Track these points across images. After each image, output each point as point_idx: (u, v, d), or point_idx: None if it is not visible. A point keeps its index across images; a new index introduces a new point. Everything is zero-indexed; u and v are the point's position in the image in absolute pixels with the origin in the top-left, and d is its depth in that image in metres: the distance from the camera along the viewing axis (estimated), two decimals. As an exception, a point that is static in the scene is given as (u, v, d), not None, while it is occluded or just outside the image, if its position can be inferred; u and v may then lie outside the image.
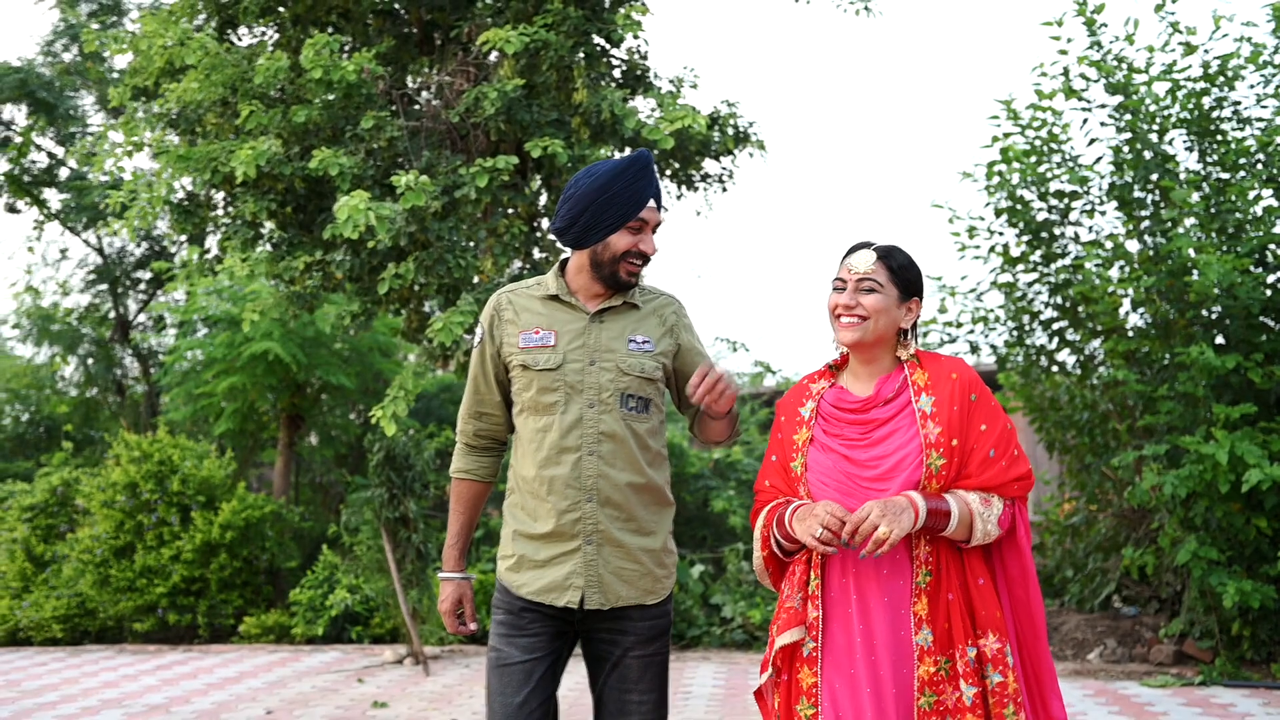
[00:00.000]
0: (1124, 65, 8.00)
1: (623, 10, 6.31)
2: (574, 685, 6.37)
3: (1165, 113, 7.91)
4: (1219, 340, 7.28)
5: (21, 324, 15.64)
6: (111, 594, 10.10)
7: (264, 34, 7.06)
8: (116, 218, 6.13)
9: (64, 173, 13.76)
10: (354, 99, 5.74)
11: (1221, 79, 7.76)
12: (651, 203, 2.80)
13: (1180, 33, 7.88)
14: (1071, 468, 8.72)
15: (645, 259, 2.82)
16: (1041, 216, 8.40)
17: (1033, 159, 8.28)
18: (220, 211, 6.04)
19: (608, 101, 5.72)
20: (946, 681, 2.45)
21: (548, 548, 2.76)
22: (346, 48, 6.27)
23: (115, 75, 13.92)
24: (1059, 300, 8.45)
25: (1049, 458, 9.16)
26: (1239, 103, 7.88)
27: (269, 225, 5.79)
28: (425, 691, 7.34)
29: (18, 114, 13.76)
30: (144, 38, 6.94)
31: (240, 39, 7.26)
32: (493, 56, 5.90)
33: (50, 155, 13.71)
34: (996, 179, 8.43)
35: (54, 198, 13.91)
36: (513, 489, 2.87)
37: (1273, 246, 7.25)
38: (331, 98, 5.74)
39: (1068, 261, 8.33)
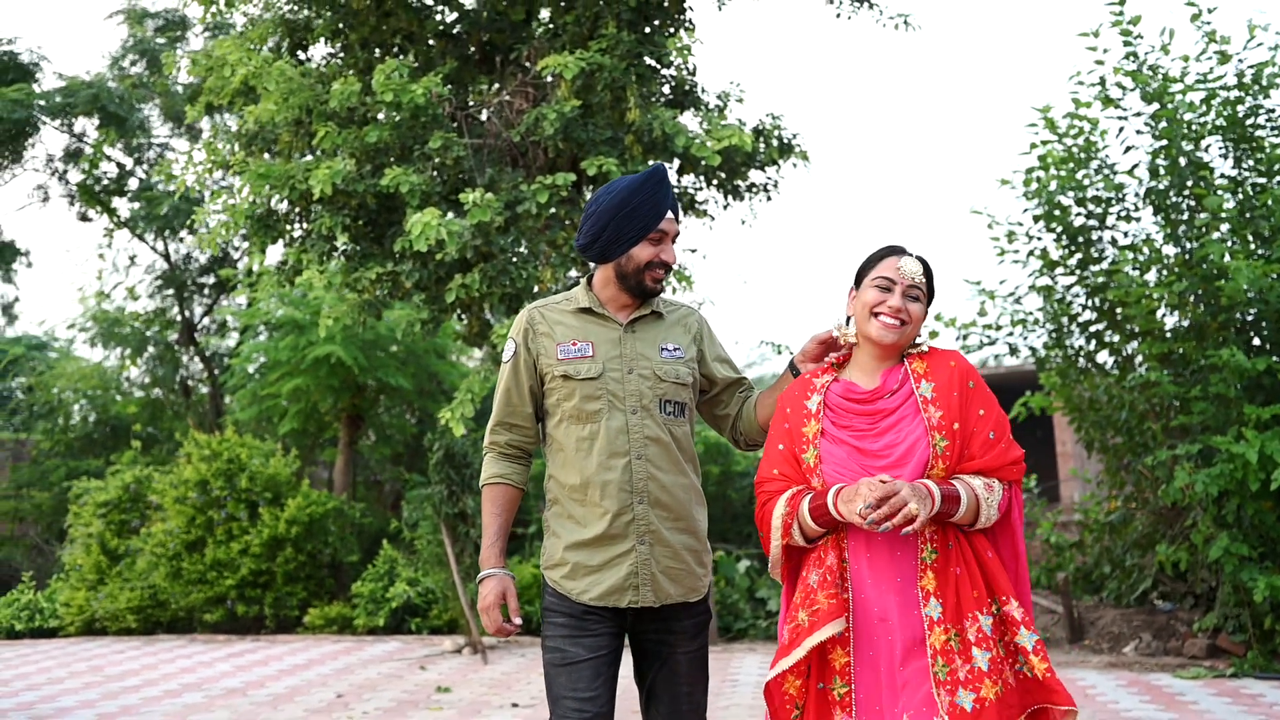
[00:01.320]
0: (1159, 74, 8.20)
1: (672, 35, 6.66)
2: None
3: (1201, 120, 8.10)
4: (1254, 342, 7.47)
5: (87, 327, 16.27)
6: (183, 586, 10.60)
7: (332, 55, 7.47)
8: (190, 231, 6.55)
9: (133, 182, 14.32)
10: (421, 119, 6.12)
11: (1256, 87, 7.94)
12: (670, 214, 2.91)
13: (1215, 42, 8.06)
14: (1111, 466, 8.92)
15: (667, 268, 2.92)
16: (1079, 222, 8.60)
17: (1070, 166, 8.49)
18: (296, 225, 6.46)
19: (659, 120, 6.07)
20: (957, 653, 2.52)
21: (602, 552, 2.83)
22: (413, 69, 6.65)
23: (179, 88, 14.49)
24: (1096, 303, 8.65)
25: (1088, 456, 9.37)
26: (1273, 110, 8.06)
27: (342, 238, 6.18)
28: (485, 678, 7.72)
29: (88, 126, 14.35)
30: (222, 61, 7.39)
31: (309, 59, 7.68)
32: (549, 76, 6.25)
33: (119, 166, 14.27)
34: (1035, 185, 8.65)
35: (123, 206, 14.48)
36: (555, 499, 2.93)
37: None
38: (400, 118, 6.13)
39: (1105, 265, 8.54)
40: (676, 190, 7.74)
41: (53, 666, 9.02)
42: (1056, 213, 8.59)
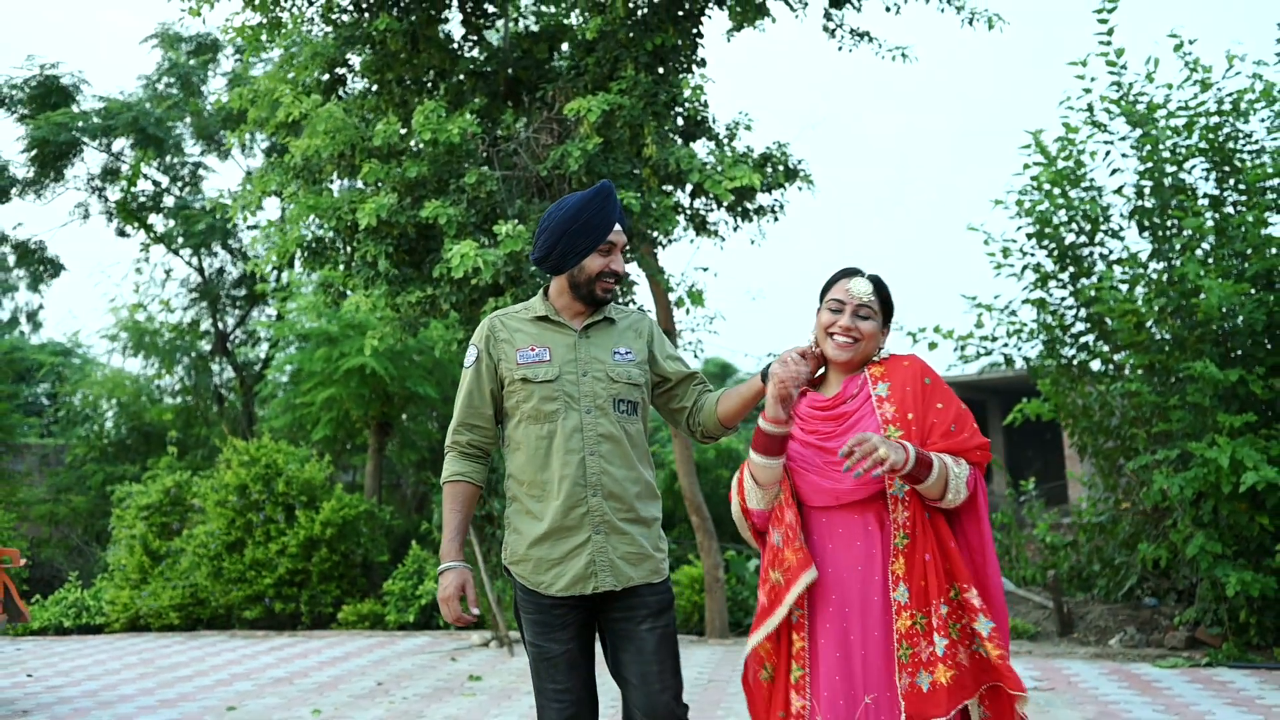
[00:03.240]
0: (1145, 100, 8.72)
1: (685, 73, 7.23)
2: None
3: (1186, 144, 8.61)
4: (1235, 354, 7.98)
5: (119, 337, 16.91)
6: (224, 584, 11.21)
7: (369, 91, 8.05)
8: (225, 248, 7.06)
9: (168, 199, 14.96)
10: (456, 154, 6.71)
11: (1235, 113, 8.46)
12: (617, 226, 3.07)
13: (1197, 70, 8.58)
14: (1103, 469, 9.44)
15: (617, 277, 3.09)
16: (1070, 238, 9.13)
17: (1062, 185, 9.01)
18: (342, 252, 7.05)
19: (674, 155, 6.64)
20: (922, 636, 2.66)
21: (561, 544, 2.99)
22: (446, 106, 7.22)
23: (209, 107, 15.13)
24: (1086, 314, 9.17)
25: (1080, 461, 9.89)
26: (1251, 134, 8.57)
27: (385, 264, 6.76)
28: (512, 668, 8.28)
29: (125, 144, 14.96)
30: (266, 94, 7.99)
31: (349, 92, 8.27)
32: (573, 115, 6.82)
33: (155, 183, 14.91)
34: (1028, 204, 9.18)
35: (158, 222, 15.11)
36: (514, 497, 3.09)
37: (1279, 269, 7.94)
38: (436, 153, 6.71)
39: (1095, 279, 9.05)
40: (688, 212, 8.30)
41: (106, 659, 9.63)
42: (1048, 230, 9.12)
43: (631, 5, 6.83)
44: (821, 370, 2.99)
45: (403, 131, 7.12)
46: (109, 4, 47.28)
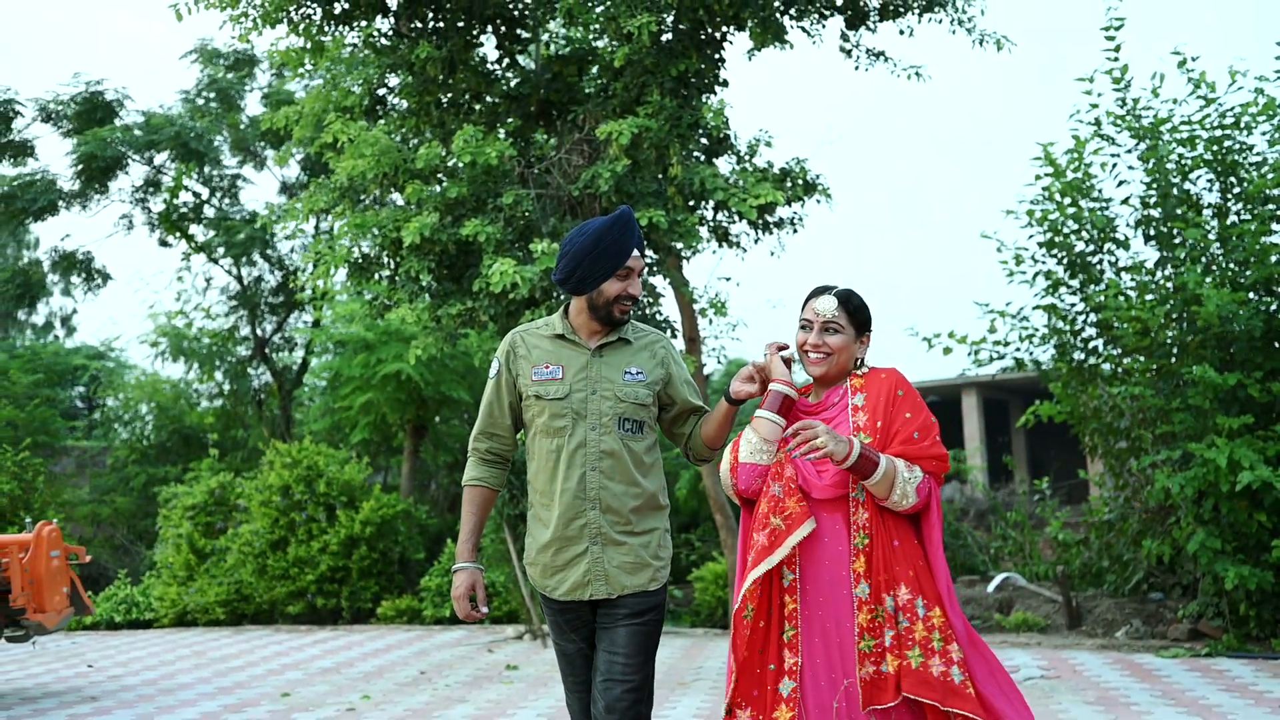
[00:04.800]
0: (1150, 114, 9.08)
1: (709, 95, 7.66)
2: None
3: (1190, 156, 8.96)
4: (1234, 358, 8.33)
5: (158, 343, 17.48)
6: (268, 581, 11.72)
7: (408, 114, 8.52)
8: (264, 258, 7.46)
9: (207, 210, 15.51)
10: (493, 175, 7.17)
11: (1237, 127, 8.80)
12: (635, 252, 3.19)
13: (1201, 86, 8.92)
14: (1113, 469, 9.80)
15: (634, 300, 3.21)
16: (1079, 247, 9.49)
17: (1071, 196, 9.38)
18: (386, 267, 7.53)
19: (698, 175, 7.08)
20: (883, 627, 2.87)
21: (562, 553, 3.17)
22: (482, 129, 7.69)
23: (245, 120, 15.68)
24: (1095, 319, 9.53)
25: (1090, 461, 10.26)
26: (1253, 147, 8.91)
27: (427, 279, 7.23)
28: (547, 659, 8.73)
29: (165, 157, 15.52)
30: (312, 116, 8.49)
31: (390, 111, 8.74)
32: (602, 137, 7.27)
33: (195, 195, 15.47)
34: (1038, 214, 9.55)
35: (198, 232, 15.66)
36: (531, 503, 3.29)
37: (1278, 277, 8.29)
38: (475, 174, 7.18)
39: (1103, 286, 9.42)
40: (711, 225, 8.73)
41: (159, 651, 10.15)
42: (1058, 239, 9.48)
43: (656, 32, 7.25)
44: (810, 382, 3.20)
45: (442, 153, 7.58)
46: (141, 13, 48.27)
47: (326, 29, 8.41)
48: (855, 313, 3.09)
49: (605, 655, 3.13)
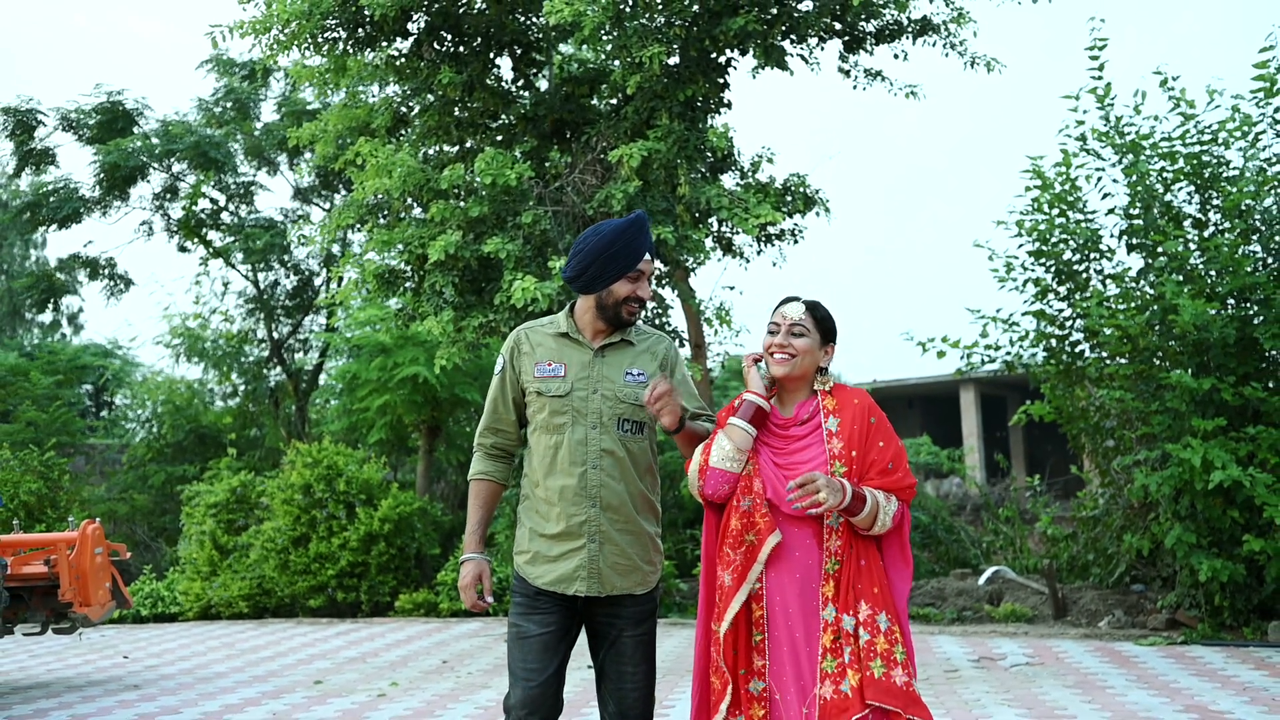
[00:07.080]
0: (1132, 131, 9.55)
1: (714, 116, 8.15)
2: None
3: (1170, 170, 9.43)
4: (1209, 364, 8.80)
5: (174, 345, 17.97)
6: (289, 576, 12.20)
7: (429, 133, 9.00)
8: (281, 263, 7.90)
9: (224, 216, 16.00)
10: (513, 195, 7.66)
11: (1214, 142, 9.28)
12: (647, 256, 3.24)
13: (1180, 104, 9.39)
14: (1100, 467, 10.28)
15: (642, 303, 3.26)
16: (1067, 256, 9.97)
17: (1059, 207, 9.84)
18: (411, 281, 8.03)
19: (704, 194, 7.56)
20: (843, 646, 2.93)
21: (559, 545, 3.20)
22: (499, 148, 8.17)
23: (259, 128, 16.15)
24: (1082, 324, 10.01)
25: (1079, 458, 10.75)
26: (1230, 162, 9.38)
27: (450, 293, 7.72)
28: (561, 649, 9.21)
29: (182, 165, 15.99)
30: (334, 134, 8.98)
31: (410, 130, 9.23)
32: (614, 160, 7.76)
33: (212, 201, 15.95)
34: (1028, 224, 10.02)
35: (216, 238, 16.15)
36: (527, 495, 3.31)
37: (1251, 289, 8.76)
38: (495, 194, 7.66)
39: (1089, 294, 9.89)
40: (715, 235, 9.22)
41: (189, 643, 10.64)
42: (1046, 248, 9.95)
43: (665, 60, 7.73)
44: (774, 386, 3.22)
45: (464, 173, 8.07)
46: (162, 17, 48.77)
47: (351, 51, 8.89)
48: (821, 320, 3.17)
49: (614, 664, 3.26)
